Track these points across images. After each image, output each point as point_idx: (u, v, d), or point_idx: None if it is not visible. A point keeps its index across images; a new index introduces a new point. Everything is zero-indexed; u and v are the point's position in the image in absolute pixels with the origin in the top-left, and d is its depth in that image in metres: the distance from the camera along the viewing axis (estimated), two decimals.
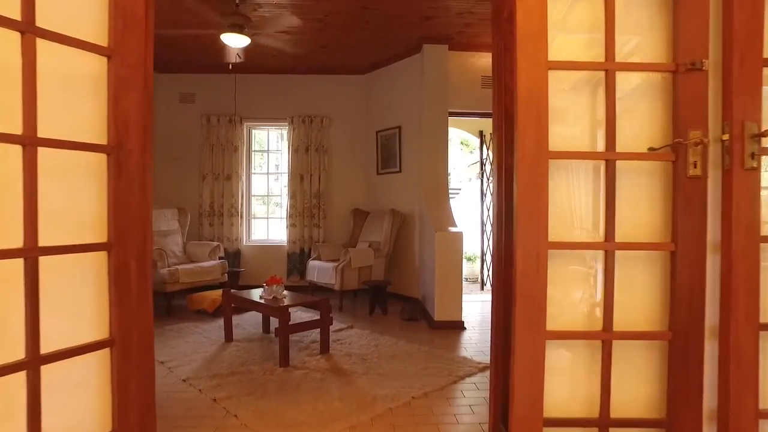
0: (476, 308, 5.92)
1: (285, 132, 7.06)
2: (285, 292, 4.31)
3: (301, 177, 6.87)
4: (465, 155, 12.97)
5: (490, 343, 2.64)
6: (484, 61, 6.09)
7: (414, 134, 6.14)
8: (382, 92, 6.70)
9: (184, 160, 6.96)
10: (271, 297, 4.14)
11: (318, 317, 4.04)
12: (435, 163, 5.73)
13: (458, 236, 5.07)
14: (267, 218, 7.46)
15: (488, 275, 7.03)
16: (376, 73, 6.78)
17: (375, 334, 4.72)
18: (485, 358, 4.03)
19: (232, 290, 4.65)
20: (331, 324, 4.14)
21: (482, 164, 7.10)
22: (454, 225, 5.29)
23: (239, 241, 6.93)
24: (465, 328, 5.00)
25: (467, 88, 6.08)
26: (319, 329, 4.04)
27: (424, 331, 4.89)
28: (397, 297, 6.27)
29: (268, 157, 7.41)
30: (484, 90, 6.11)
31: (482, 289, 7.08)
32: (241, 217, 6.95)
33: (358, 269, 5.74)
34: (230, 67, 4.96)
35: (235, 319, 4.75)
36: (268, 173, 7.36)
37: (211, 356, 3.98)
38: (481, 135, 7.06)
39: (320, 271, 5.94)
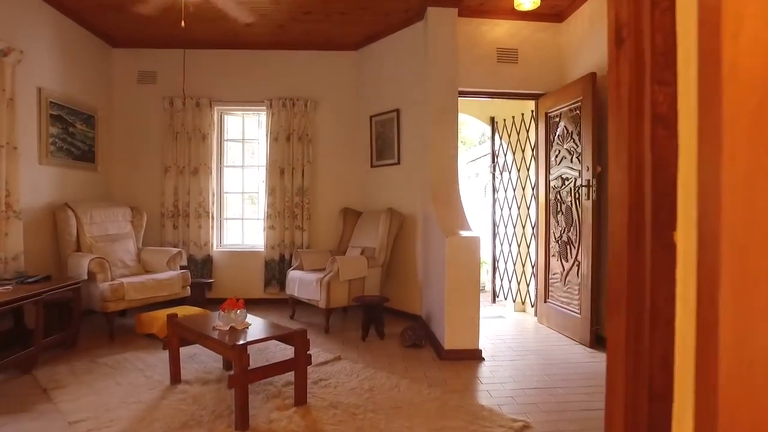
0: (490, 328, 4.86)
1: (263, 118, 5.95)
2: (249, 319, 3.21)
3: (281, 170, 5.76)
4: (461, 152, 11.93)
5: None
6: (499, 30, 5.01)
7: (416, 119, 5.06)
8: (377, 70, 5.61)
9: (143, 150, 5.83)
10: (227, 328, 3.04)
11: (298, 350, 2.95)
12: (443, 152, 4.65)
13: (474, 242, 3.99)
14: (242, 219, 6.35)
15: (501, 285, 5.97)
16: (370, 48, 5.69)
17: (369, 368, 3.63)
18: (519, 409, 2.96)
19: (197, 308, 3.55)
20: (310, 364, 3.05)
21: (494, 156, 6.03)
22: (468, 228, 4.22)
23: (209, 246, 5.81)
24: (483, 359, 3.94)
25: (479, 64, 5.01)
26: (293, 371, 2.95)
27: (432, 364, 3.81)
28: (396, 314, 5.19)
29: (243, 147, 6.29)
30: (500, 65, 5.04)
31: (494, 301, 6.02)
32: (212, 217, 5.84)
33: (348, 282, 4.65)
34: (182, 24, 3.86)
35: (191, 348, 3.65)
36: (243, 166, 6.25)
37: (143, 411, 2.86)
38: (492, 122, 5.99)
39: (302, 283, 4.85)
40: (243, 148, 6.27)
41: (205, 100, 5.77)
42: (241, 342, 2.73)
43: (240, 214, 6.37)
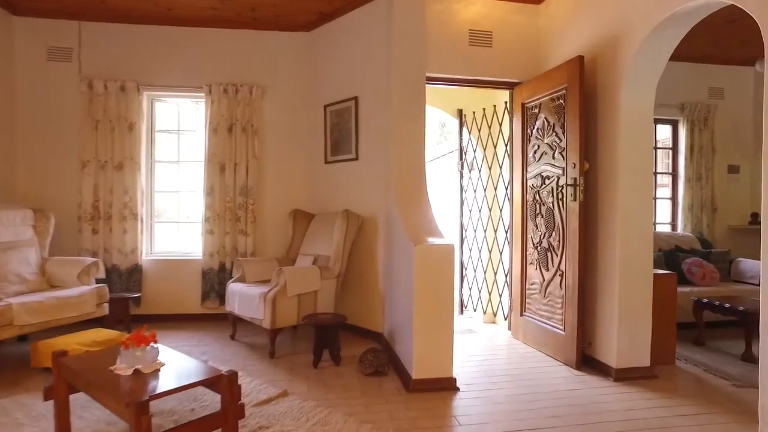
0: (461, 345, 4.21)
1: (201, 105, 5.10)
2: (164, 356, 2.42)
3: (222, 166, 4.93)
4: None
5: None
6: (472, 9, 4.37)
7: (377, 108, 4.36)
8: (333, 53, 4.87)
9: (55, 141, 4.86)
10: (130, 371, 2.24)
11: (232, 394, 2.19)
12: (409, 147, 3.95)
13: (448, 251, 3.32)
14: (177, 222, 5.47)
15: (470, 295, 5.35)
16: (325, 28, 4.94)
17: (321, 408, 2.89)
18: None
19: (115, 332, 2.70)
20: (242, 417, 2.29)
21: (462, 153, 5.41)
22: (439, 234, 3.55)
23: (137, 253, 4.91)
24: (458, 389, 3.28)
25: (450, 47, 4.35)
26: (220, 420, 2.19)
27: (398, 398, 3.10)
28: (354, 330, 4.47)
29: (179, 139, 5.42)
30: (472, 49, 4.40)
31: (461, 312, 5.40)
32: (140, 220, 4.94)
33: (298, 297, 3.90)
34: None
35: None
36: (178, 161, 5.37)
37: None
38: (460, 115, 5.37)
39: (243, 299, 4.05)
40: (178, 140, 5.39)
41: (132, 84, 4.87)
42: (144, 397, 1.94)
43: (175, 217, 5.49)
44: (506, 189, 4.82)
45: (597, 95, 3.70)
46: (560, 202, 3.92)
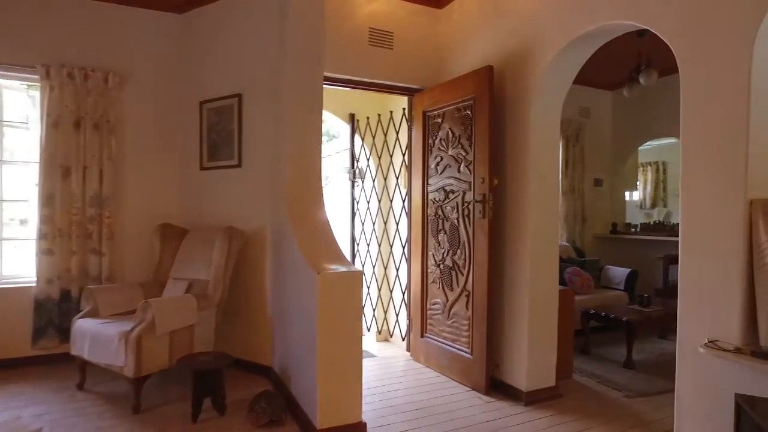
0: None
1: (37, 92, 3.97)
2: None
3: (65, 170, 3.86)
4: None
5: None
6: (374, 6, 3.94)
7: (265, 108, 3.70)
8: (212, 41, 4.09)
9: None
10: None
11: None
12: (303, 155, 3.37)
13: (355, 279, 2.82)
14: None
15: (363, 315, 4.91)
16: (203, 11, 4.13)
17: None
18: None
19: None
20: None
21: (354, 160, 4.95)
22: (341, 256, 3.04)
23: None
24: None
25: (348, 45, 3.87)
26: None
27: None
28: (237, 365, 3.74)
29: (2, 133, 4.18)
30: (372, 50, 3.97)
31: None
32: None
33: (170, 335, 3.12)
34: None
35: None
36: (1, 161, 4.14)
37: None
38: (353, 120, 4.91)
39: (96, 340, 3.12)
40: (1, 134, 4.15)
41: None
42: None
43: None
44: (404, 201, 4.47)
45: (505, 107, 3.49)
46: (466, 219, 3.65)
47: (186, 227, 4.02)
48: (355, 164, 4.94)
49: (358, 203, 4.97)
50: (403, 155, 4.46)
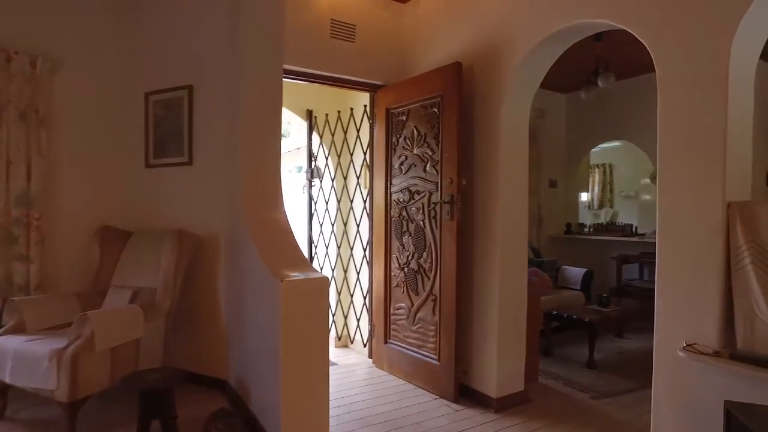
0: None
1: None
2: None
3: None
4: None
5: None
6: None
7: (219, 102, 3.40)
8: (159, 27, 3.73)
9: None
10: None
11: None
12: (262, 153, 3.12)
13: (322, 286, 2.61)
14: None
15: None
16: None
17: None
18: None
19: None
20: None
21: (312, 160, 4.71)
22: (305, 263, 2.82)
23: None
24: None
25: (308, 36, 3.64)
26: None
27: None
28: (190, 378, 3.44)
29: None
30: (334, 43, 3.76)
31: None
32: None
33: (111, 352, 2.78)
34: None
35: None
36: None
37: None
38: (310, 117, 4.67)
39: (21, 360, 2.71)
40: None
41: None
42: None
43: None
44: (365, 202, 4.29)
45: (474, 106, 3.38)
46: (433, 220, 3.52)
47: (130, 230, 3.66)
48: (313, 163, 4.71)
49: (315, 204, 4.74)
50: (365, 154, 4.28)
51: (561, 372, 3.91)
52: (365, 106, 4.20)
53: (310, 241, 4.76)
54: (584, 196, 7.99)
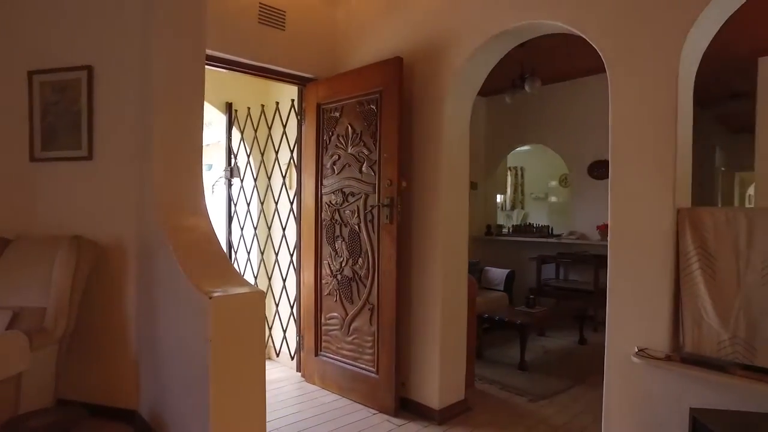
0: None
1: None
2: None
3: None
4: None
5: None
6: None
7: (127, 86, 2.90)
8: None
9: None
10: None
11: None
12: (181, 149, 2.71)
13: (257, 302, 2.29)
14: None
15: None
16: None
17: None
18: None
19: None
20: None
21: (231, 157, 4.27)
22: (234, 274, 2.46)
23: None
24: None
25: (234, 20, 3.25)
26: None
27: None
28: (92, 409, 2.90)
29: None
30: (262, 29, 3.40)
31: None
32: None
33: None
34: None
35: None
36: None
37: None
38: (230, 110, 4.23)
39: None
40: None
41: None
42: None
43: None
44: (292, 204, 3.96)
45: (414, 104, 3.21)
46: (369, 224, 3.30)
47: (7, 237, 3.02)
48: (233, 161, 4.28)
49: (236, 205, 4.31)
50: (291, 152, 3.95)
51: (494, 375, 3.88)
52: (293, 100, 3.87)
53: (230, 246, 4.33)
54: (499, 198, 8.23)
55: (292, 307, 3.98)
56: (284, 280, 4.05)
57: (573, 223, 6.01)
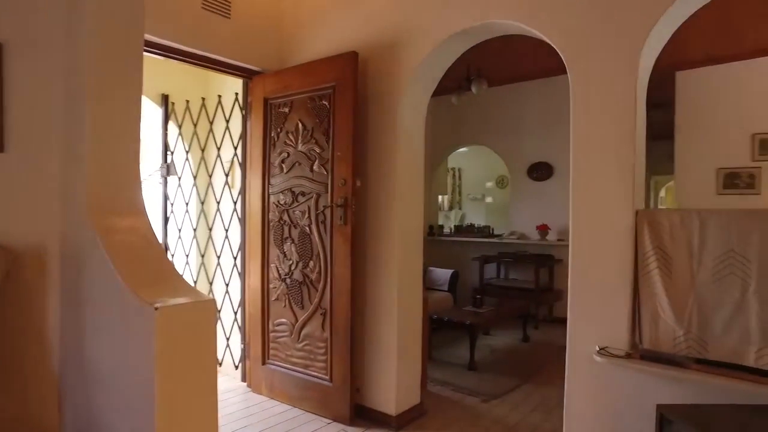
0: None
1: None
2: None
3: None
4: None
5: None
6: None
7: (48, 66, 2.55)
8: None
9: None
10: None
11: None
12: (116, 140, 2.42)
13: (207, 311, 2.06)
14: None
15: None
16: None
17: None
18: None
19: None
20: None
21: (168, 153, 3.93)
22: (179, 280, 2.22)
23: None
24: None
25: (175, 5, 2.97)
26: None
27: None
28: None
29: None
30: (206, 15, 3.13)
31: None
32: None
33: None
34: None
35: None
36: None
37: None
38: (166, 103, 3.89)
39: None
40: None
41: None
42: None
43: None
44: (235, 204, 3.70)
45: (368, 100, 3.09)
46: (321, 225, 3.13)
47: None
48: (169, 157, 3.95)
49: (173, 205, 3.98)
50: (235, 149, 3.69)
51: (446, 377, 3.84)
52: (237, 94, 3.62)
53: (167, 249, 3.98)
54: (438, 199, 8.31)
55: (236, 314, 3.72)
56: (227, 285, 3.78)
57: (513, 224, 6.15)
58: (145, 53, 2.80)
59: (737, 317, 2.03)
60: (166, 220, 3.99)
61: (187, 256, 3.94)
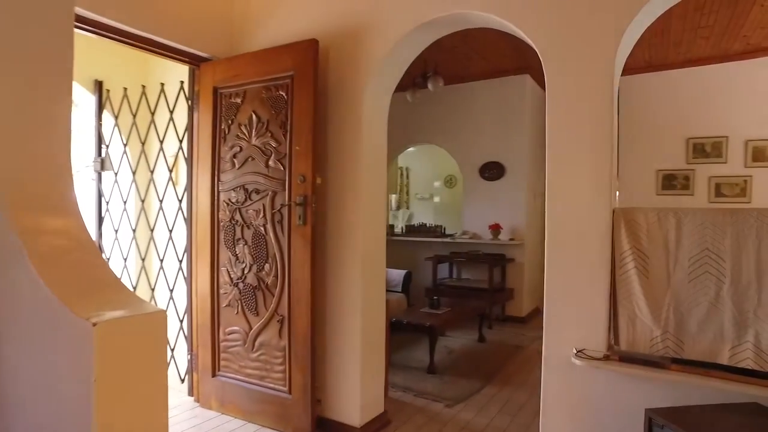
0: None
1: None
2: None
3: None
4: None
5: None
6: None
7: None
8: None
9: None
10: None
11: None
12: (42, 129, 2.07)
13: (156, 325, 1.78)
14: None
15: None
16: None
17: None
18: None
19: None
20: None
21: (102, 145, 3.51)
22: (122, 293, 1.92)
23: None
24: None
25: None
26: None
27: None
28: None
29: None
30: None
31: None
32: None
33: None
34: None
35: None
36: None
37: None
38: (100, 90, 3.48)
39: None
40: None
41: None
42: None
43: None
44: (180, 202, 3.37)
45: (328, 91, 2.88)
46: (278, 225, 2.89)
47: None
48: (104, 151, 3.53)
49: (108, 203, 3.57)
50: (180, 142, 3.36)
51: (406, 382, 3.69)
52: (182, 82, 3.29)
53: (101, 250, 3.56)
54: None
55: (181, 322, 3.38)
56: (171, 291, 3.43)
57: (465, 223, 6.11)
58: (80, 31, 2.47)
59: (712, 316, 2.02)
60: (100, 219, 3.58)
61: (125, 259, 3.55)
